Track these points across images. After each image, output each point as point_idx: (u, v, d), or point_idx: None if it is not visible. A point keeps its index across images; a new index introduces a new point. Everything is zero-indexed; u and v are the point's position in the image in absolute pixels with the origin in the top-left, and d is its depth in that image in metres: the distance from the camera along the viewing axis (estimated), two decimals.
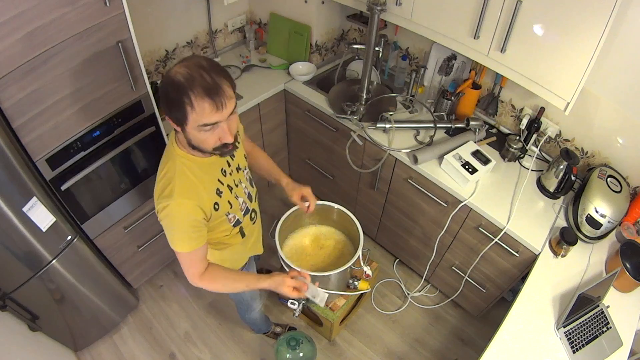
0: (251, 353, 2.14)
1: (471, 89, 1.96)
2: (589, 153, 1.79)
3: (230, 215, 1.25)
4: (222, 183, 1.19)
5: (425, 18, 1.70)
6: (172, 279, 2.42)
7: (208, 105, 0.93)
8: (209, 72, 0.94)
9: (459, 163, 1.74)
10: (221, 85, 0.94)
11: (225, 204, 1.20)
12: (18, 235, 1.43)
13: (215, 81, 0.93)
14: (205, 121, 0.95)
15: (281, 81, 2.29)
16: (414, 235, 2.21)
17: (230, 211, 1.23)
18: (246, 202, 1.32)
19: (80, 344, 2.08)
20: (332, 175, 2.49)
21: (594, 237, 1.59)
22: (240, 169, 1.30)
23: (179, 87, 0.92)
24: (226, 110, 0.96)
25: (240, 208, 1.29)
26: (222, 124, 0.98)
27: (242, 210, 1.30)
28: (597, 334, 1.38)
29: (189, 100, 0.92)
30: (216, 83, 0.93)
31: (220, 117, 0.96)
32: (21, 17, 1.14)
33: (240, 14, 2.46)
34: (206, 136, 0.99)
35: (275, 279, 1.20)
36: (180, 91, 0.92)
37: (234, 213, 1.26)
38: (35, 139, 1.37)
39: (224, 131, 0.99)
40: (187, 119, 0.95)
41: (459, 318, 2.32)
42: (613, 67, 1.51)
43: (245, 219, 1.33)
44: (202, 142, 1.01)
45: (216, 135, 1.00)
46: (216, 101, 0.93)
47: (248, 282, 1.24)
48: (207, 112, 0.94)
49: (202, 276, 1.18)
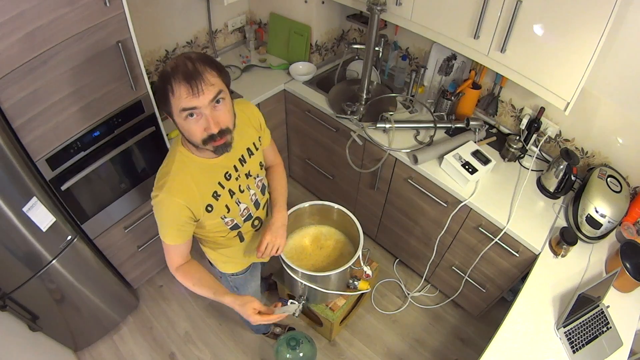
0: (251, 353, 2.14)
1: (471, 89, 1.96)
2: (589, 153, 1.79)
3: (227, 219, 1.24)
4: (222, 187, 1.18)
5: (425, 18, 1.70)
6: (172, 279, 2.40)
7: (185, 89, 0.94)
8: (193, 61, 0.96)
9: (459, 163, 1.74)
10: (202, 72, 0.95)
11: (221, 207, 1.20)
12: (18, 235, 1.43)
13: (196, 68, 0.95)
14: (183, 105, 0.96)
15: (281, 81, 2.29)
16: (414, 235, 2.21)
17: (227, 215, 1.23)
18: (250, 209, 1.31)
19: (80, 344, 2.08)
20: (332, 175, 2.49)
21: (594, 237, 1.59)
22: (251, 176, 1.28)
23: (164, 76, 0.96)
24: (204, 96, 0.96)
25: (241, 214, 1.28)
26: (205, 112, 0.98)
27: (242, 217, 1.29)
28: (597, 334, 1.38)
29: (170, 86, 0.95)
30: (197, 69, 0.95)
31: (198, 102, 0.96)
32: (21, 17, 1.14)
33: (240, 14, 2.46)
34: (190, 125, 1.00)
35: (242, 298, 1.16)
36: (165, 80, 0.96)
37: (232, 217, 1.25)
38: (35, 139, 1.37)
39: (208, 121, 0.99)
40: (171, 105, 0.98)
41: (459, 318, 2.32)
42: (613, 67, 1.51)
43: (245, 225, 1.32)
44: (190, 133, 1.02)
45: (201, 125, 1.00)
46: (192, 85, 0.94)
47: (216, 291, 1.19)
48: (184, 96, 0.95)
49: (178, 269, 1.20)
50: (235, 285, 1.60)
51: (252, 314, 1.14)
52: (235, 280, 1.57)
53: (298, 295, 1.74)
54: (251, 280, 1.65)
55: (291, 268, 1.55)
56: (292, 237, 1.81)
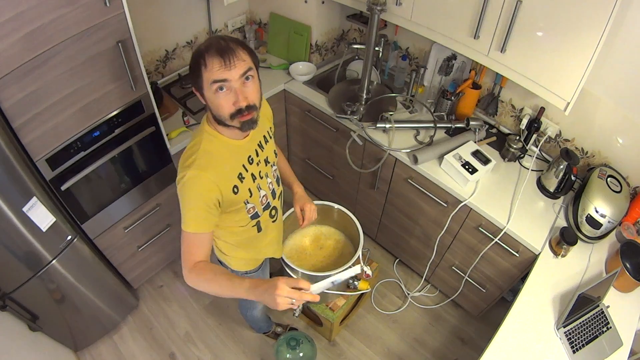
0: (251, 353, 2.14)
1: (471, 89, 1.96)
2: (589, 153, 1.79)
3: (250, 205, 1.23)
4: (246, 169, 1.20)
5: (425, 18, 1.70)
6: (172, 279, 2.42)
7: (217, 61, 0.99)
8: (226, 40, 1.02)
9: (459, 163, 1.74)
10: (234, 48, 1.01)
11: (245, 190, 1.20)
12: (18, 235, 1.43)
13: (229, 45, 1.01)
14: (215, 77, 1.00)
15: (281, 81, 2.29)
16: (414, 235, 2.21)
17: (249, 200, 1.22)
18: (268, 197, 1.32)
19: (80, 344, 2.08)
20: (332, 175, 2.49)
21: (594, 237, 1.59)
22: (269, 163, 1.31)
23: (198, 52, 1.02)
24: (235, 69, 1.00)
25: (261, 201, 1.28)
26: (234, 85, 1.02)
27: (262, 204, 1.29)
28: (597, 334, 1.38)
29: (203, 60, 1.00)
30: (229, 46, 1.00)
31: (229, 75, 1.00)
32: (21, 17, 1.14)
33: (240, 14, 2.46)
34: (220, 99, 1.03)
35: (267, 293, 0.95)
36: (198, 55, 1.01)
37: (254, 203, 1.25)
38: (35, 139, 1.37)
39: (237, 94, 1.02)
40: (202, 79, 1.02)
41: (459, 318, 2.32)
42: (613, 67, 1.51)
43: (264, 214, 1.33)
44: (219, 107, 1.04)
45: (230, 99, 1.03)
46: (225, 58, 0.99)
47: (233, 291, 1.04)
48: (217, 68, 0.99)
49: (195, 266, 1.10)
50: None
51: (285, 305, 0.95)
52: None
53: None
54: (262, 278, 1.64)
55: (291, 268, 1.55)
56: (292, 237, 1.81)
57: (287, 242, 1.80)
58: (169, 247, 2.27)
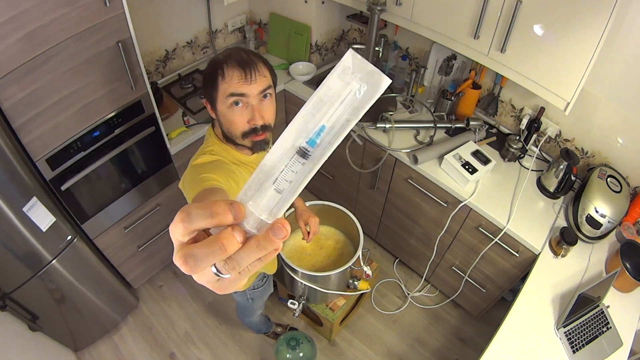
0: (251, 353, 2.14)
1: (471, 89, 1.96)
2: (589, 153, 1.79)
3: None
4: None
5: (425, 18, 1.70)
6: (172, 279, 2.42)
7: (237, 72, 0.93)
8: (247, 52, 0.97)
9: (459, 163, 1.74)
10: (256, 62, 0.96)
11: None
12: (18, 235, 1.43)
13: (250, 57, 0.95)
14: (232, 90, 0.93)
15: (281, 81, 2.29)
16: (414, 235, 2.21)
17: None
18: None
19: (80, 344, 2.08)
20: (332, 175, 2.49)
21: (594, 237, 1.59)
22: None
23: (215, 62, 0.96)
24: (255, 84, 0.94)
25: None
26: (252, 102, 0.96)
27: None
28: (597, 334, 1.38)
29: (222, 70, 0.94)
30: (251, 58, 0.95)
31: (249, 89, 0.94)
32: (21, 17, 1.14)
33: (240, 14, 2.46)
34: (234, 115, 0.96)
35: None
36: (216, 65, 0.95)
37: None
38: (35, 139, 1.37)
39: (254, 111, 0.96)
40: (218, 90, 0.95)
41: (459, 318, 2.32)
42: (613, 67, 1.51)
43: None
44: (232, 123, 0.98)
45: (245, 115, 0.97)
46: (246, 70, 0.93)
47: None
48: (236, 80, 0.93)
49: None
50: (252, 297, 1.57)
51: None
52: (253, 293, 1.54)
53: (298, 295, 1.74)
54: (267, 290, 1.63)
55: (291, 268, 1.55)
56: (292, 237, 1.81)
57: (287, 242, 1.80)
58: (169, 247, 2.26)
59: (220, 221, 0.34)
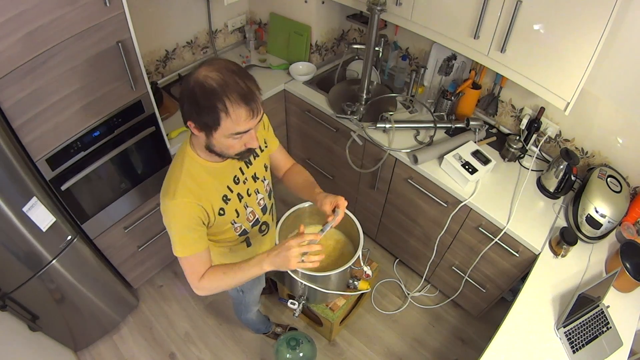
0: (251, 353, 2.14)
1: (471, 89, 1.96)
2: (589, 153, 1.79)
3: (237, 224, 1.22)
4: (231, 190, 1.16)
5: (425, 18, 1.70)
6: (172, 279, 2.42)
7: (245, 111, 0.91)
8: (241, 76, 0.91)
9: (459, 163, 1.74)
10: (254, 91, 0.93)
11: (232, 212, 1.17)
12: (18, 235, 1.43)
13: (249, 87, 0.91)
14: (239, 129, 0.93)
15: (281, 81, 2.29)
16: (414, 235, 2.21)
17: (236, 220, 1.20)
18: (257, 214, 1.29)
19: (80, 344, 2.08)
20: (332, 175, 2.49)
21: (594, 237, 1.59)
22: (258, 179, 1.26)
23: (212, 92, 0.88)
24: (258, 116, 0.95)
25: (248, 218, 1.25)
26: (252, 130, 0.96)
27: (249, 221, 1.27)
28: (597, 334, 1.38)
29: (224, 106, 0.89)
30: (250, 89, 0.91)
31: (253, 124, 0.94)
32: (21, 17, 1.14)
33: (240, 14, 2.46)
34: (234, 143, 0.97)
35: (279, 255, 1.04)
36: (214, 97, 0.88)
37: (241, 222, 1.23)
38: (35, 139, 1.37)
39: (252, 137, 0.97)
40: (220, 125, 0.92)
41: (459, 318, 2.32)
42: (613, 67, 1.51)
43: (253, 230, 1.30)
44: (228, 148, 0.99)
45: (243, 141, 0.98)
46: (252, 107, 0.91)
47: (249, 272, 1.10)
48: (243, 119, 0.91)
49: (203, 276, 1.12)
50: (242, 289, 1.59)
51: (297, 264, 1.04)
52: (242, 285, 1.54)
53: (298, 295, 1.74)
54: (258, 283, 1.64)
55: None
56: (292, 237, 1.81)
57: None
58: (169, 247, 2.23)
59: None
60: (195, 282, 1.12)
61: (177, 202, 1.03)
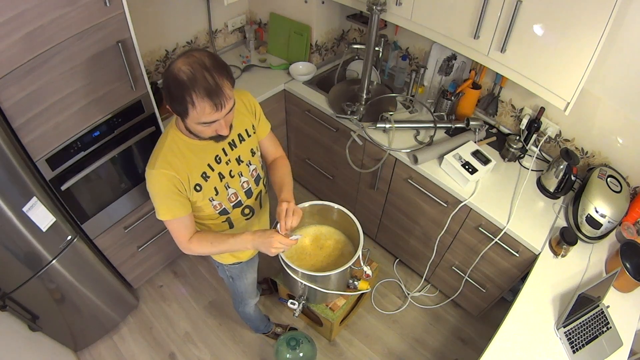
0: (251, 353, 2.14)
1: (471, 89, 1.96)
2: (589, 153, 1.79)
3: (215, 202, 1.26)
4: (212, 169, 1.22)
5: (425, 18, 1.70)
6: (172, 279, 2.42)
7: (208, 106, 0.98)
8: (210, 71, 0.98)
9: (459, 163, 1.74)
10: (222, 86, 0.99)
11: (210, 189, 1.22)
12: (18, 235, 1.43)
13: (216, 82, 0.98)
14: (204, 120, 1.02)
15: (281, 81, 2.29)
16: (414, 235, 2.21)
17: (214, 198, 1.25)
18: (239, 196, 1.32)
19: (80, 344, 2.09)
20: (332, 175, 2.49)
21: (594, 237, 1.59)
22: (242, 162, 1.30)
23: (182, 85, 0.97)
24: (224, 110, 1.02)
25: (229, 199, 1.29)
26: (220, 120, 1.04)
27: (231, 202, 1.30)
28: (597, 334, 1.38)
29: (191, 99, 0.97)
30: (217, 84, 0.98)
31: (219, 116, 1.02)
32: (21, 17, 1.14)
33: (240, 14, 2.46)
34: (204, 129, 1.06)
35: (263, 238, 1.18)
36: (183, 89, 0.97)
37: (220, 201, 1.27)
38: (35, 139, 1.37)
39: (221, 125, 1.06)
40: (187, 114, 1.01)
41: (459, 318, 2.32)
42: (613, 67, 1.51)
43: (234, 212, 1.34)
44: (200, 132, 1.09)
45: (213, 128, 1.06)
46: (216, 102, 0.99)
47: (234, 239, 1.22)
48: (207, 112, 0.99)
49: (190, 240, 1.23)
50: (232, 275, 1.61)
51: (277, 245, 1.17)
52: (231, 270, 1.58)
53: (298, 295, 1.74)
54: (247, 271, 1.65)
55: (291, 268, 1.55)
56: None
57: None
58: (169, 247, 2.27)
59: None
60: (183, 244, 1.24)
61: (156, 172, 1.12)
